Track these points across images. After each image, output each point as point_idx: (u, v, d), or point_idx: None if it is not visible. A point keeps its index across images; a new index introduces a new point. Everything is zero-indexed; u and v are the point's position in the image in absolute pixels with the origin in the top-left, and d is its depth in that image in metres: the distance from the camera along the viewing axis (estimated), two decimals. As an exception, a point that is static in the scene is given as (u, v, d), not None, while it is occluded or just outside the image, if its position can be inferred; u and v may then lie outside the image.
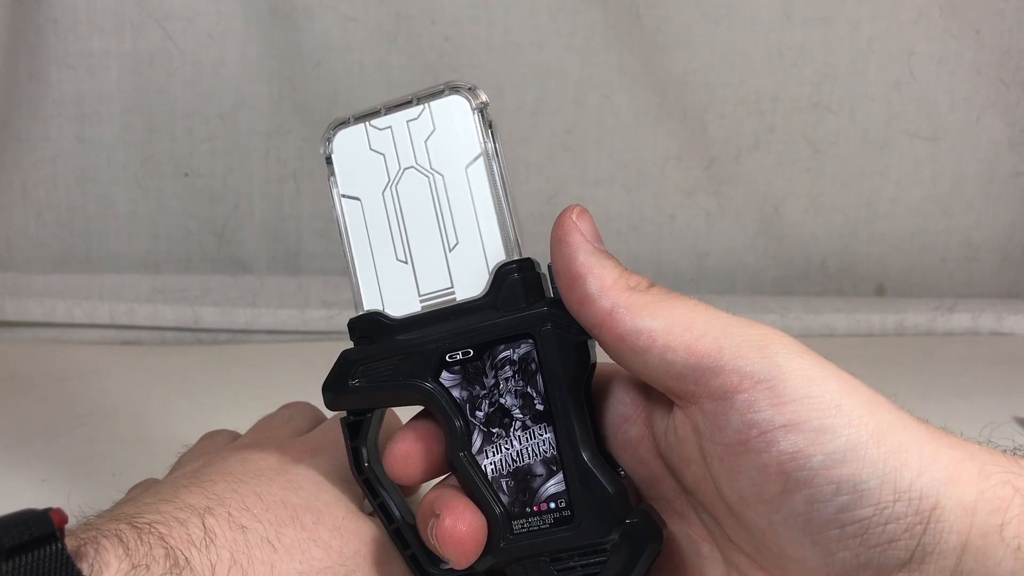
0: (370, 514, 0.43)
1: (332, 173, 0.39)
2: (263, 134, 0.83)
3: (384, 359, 0.38)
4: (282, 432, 0.46)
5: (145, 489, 0.41)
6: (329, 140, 0.39)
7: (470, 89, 0.38)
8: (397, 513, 0.39)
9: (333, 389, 0.38)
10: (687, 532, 0.38)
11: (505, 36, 0.81)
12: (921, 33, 0.82)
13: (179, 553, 0.34)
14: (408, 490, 0.43)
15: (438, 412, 0.37)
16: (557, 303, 0.37)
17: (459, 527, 0.36)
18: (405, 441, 0.38)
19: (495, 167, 0.38)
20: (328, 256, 0.86)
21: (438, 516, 0.36)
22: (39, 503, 0.32)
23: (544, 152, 0.85)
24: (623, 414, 0.38)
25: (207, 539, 0.35)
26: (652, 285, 0.36)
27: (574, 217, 0.36)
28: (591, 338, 0.37)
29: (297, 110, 0.83)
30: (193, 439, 0.49)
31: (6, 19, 0.79)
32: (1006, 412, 0.56)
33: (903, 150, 0.85)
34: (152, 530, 0.34)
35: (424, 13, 0.81)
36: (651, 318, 0.34)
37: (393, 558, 0.41)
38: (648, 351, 0.34)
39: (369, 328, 0.38)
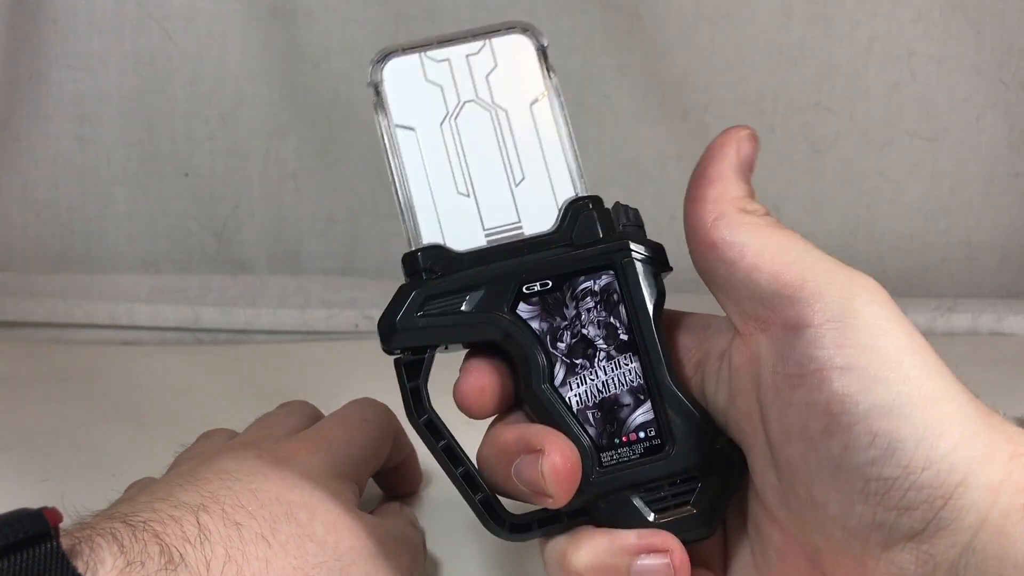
0: (371, 511, 0.43)
1: (382, 102, 0.38)
2: (263, 134, 0.83)
3: (456, 292, 0.36)
4: (279, 430, 0.46)
5: (142, 488, 0.42)
6: (379, 67, 0.38)
7: (533, 29, 0.39)
8: (464, 455, 0.37)
9: (399, 324, 0.36)
10: None
11: (505, 36, 0.81)
12: (921, 33, 0.82)
13: (174, 550, 0.34)
14: None
15: (517, 345, 0.36)
16: (634, 236, 0.37)
17: (566, 462, 0.35)
18: (480, 372, 0.37)
19: (560, 107, 0.38)
20: (328, 256, 0.86)
21: (541, 451, 0.35)
22: (39, 503, 0.32)
23: (544, 152, 0.84)
24: (675, 358, 0.38)
25: (201, 536, 0.35)
26: (767, 215, 0.36)
27: (743, 134, 0.37)
28: (668, 270, 0.37)
29: (297, 110, 0.83)
30: (192, 439, 0.49)
31: (6, 19, 0.79)
32: (1006, 412, 0.56)
33: (903, 150, 0.85)
34: (147, 528, 0.34)
35: (424, 13, 0.81)
36: (746, 235, 0.35)
37: (389, 553, 0.41)
38: (735, 265, 0.34)
39: (433, 261, 0.37)
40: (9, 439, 0.59)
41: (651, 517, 0.36)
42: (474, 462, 0.37)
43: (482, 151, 0.38)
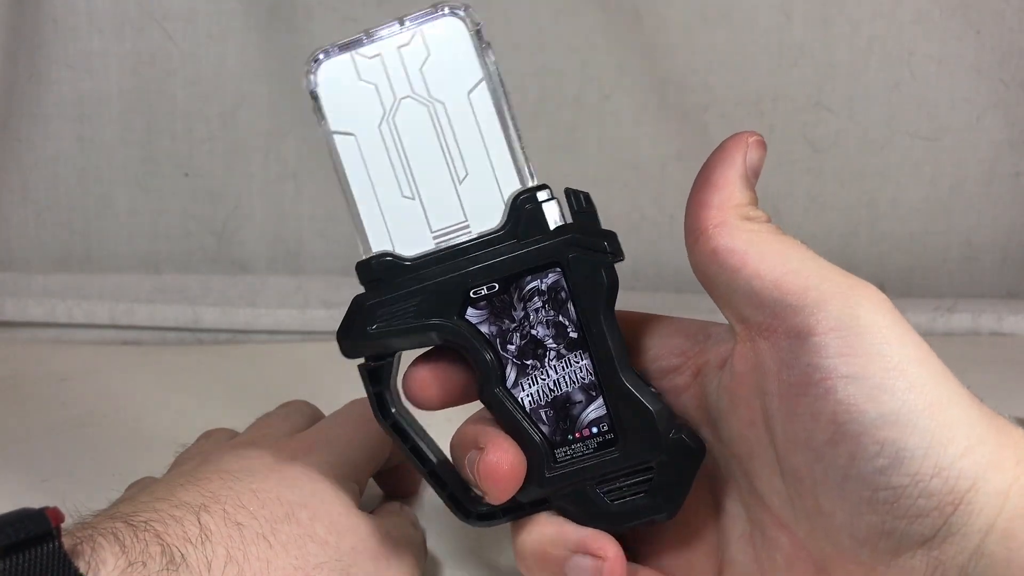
0: (371, 511, 0.43)
1: (320, 109, 0.37)
2: (263, 134, 0.83)
3: (404, 301, 0.37)
4: (279, 430, 0.46)
5: (142, 488, 0.42)
6: (313, 73, 0.37)
7: (464, 9, 0.37)
8: (431, 455, 0.39)
9: (351, 336, 0.37)
10: (712, 488, 0.38)
11: (505, 36, 0.81)
12: (921, 33, 0.82)
13: (175, 550, 0.34)
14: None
15: (467, 350, 0.37)
16: (579, 227, 0.37)
17: (502, 463, 0.36)
18: (425, 366, 0.38)
19: (499, 92, 0.37)
20: (328, 256, 0.86)
21: (482, 449, 0.36)
22: (39, 503, 0.32)
23: (544, 152, 0.84)
24: (670, 365, 0.39)
25: (203, 536, 0.35)
26: (769, 221, 0.36)
27: (751, 140, 0.37)
28: (619, 259, 0.37)
29: (297, 110, 0.83)
30: (192, 439, 0.49)
31: (6, 19, 0.79)
32: (1006, 412, 0.56)
33: (903, 150, 0.85)
34: (148, 528, 0.34)
35: (424, 13, 0.81)
36: (747, 243, 0.35)
37: (390, 554, 0.41)
38: (736, 272, 0.34)
39: (381, 270, 0.37)
40: (9, 439, 0.59)
41: (611, 508, 0.37)
42: (446, 456, 0.39)
43: (423, 150, 0.37)
